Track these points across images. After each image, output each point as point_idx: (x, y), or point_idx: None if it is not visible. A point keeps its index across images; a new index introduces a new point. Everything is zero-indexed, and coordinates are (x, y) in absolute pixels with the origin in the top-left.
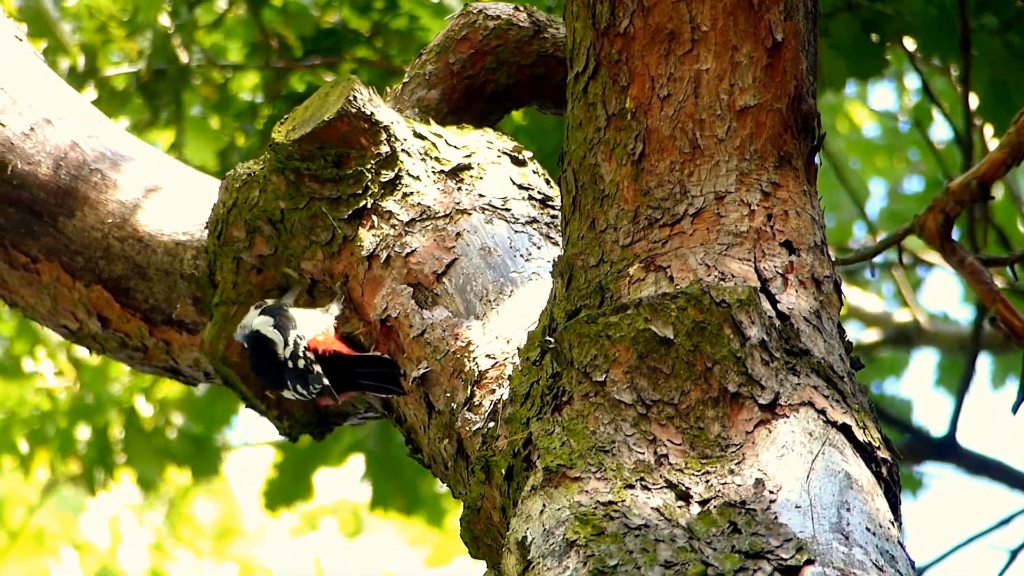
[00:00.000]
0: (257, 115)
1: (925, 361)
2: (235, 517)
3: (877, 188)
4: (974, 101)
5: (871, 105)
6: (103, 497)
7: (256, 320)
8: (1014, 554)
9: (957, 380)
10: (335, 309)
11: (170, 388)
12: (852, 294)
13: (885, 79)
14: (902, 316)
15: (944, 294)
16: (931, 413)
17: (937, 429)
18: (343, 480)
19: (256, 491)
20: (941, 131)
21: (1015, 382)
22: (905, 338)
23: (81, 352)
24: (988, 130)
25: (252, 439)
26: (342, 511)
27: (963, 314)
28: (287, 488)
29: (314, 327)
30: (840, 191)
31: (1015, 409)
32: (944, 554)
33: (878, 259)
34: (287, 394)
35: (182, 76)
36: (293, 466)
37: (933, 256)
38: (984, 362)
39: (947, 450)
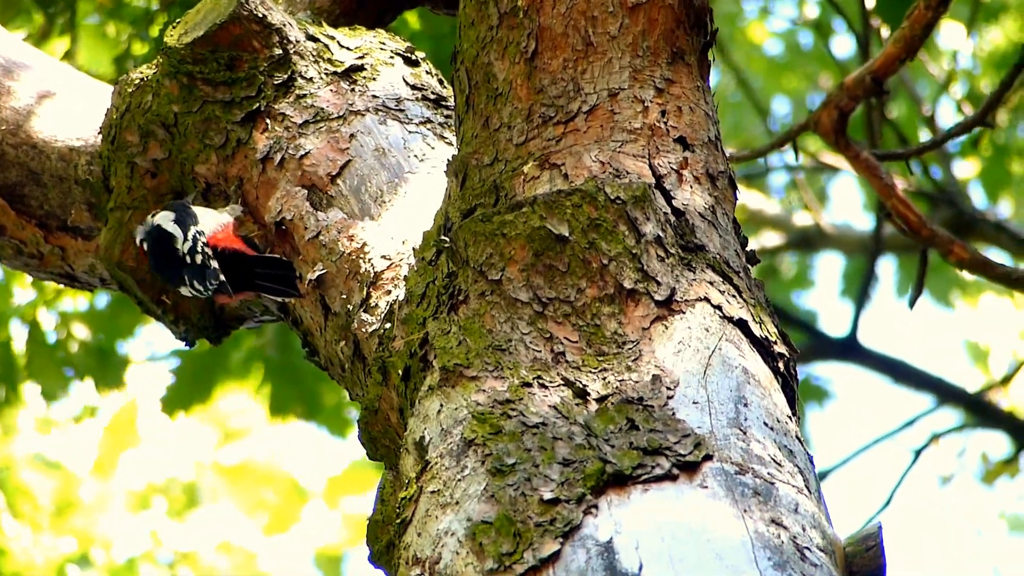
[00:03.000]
0: (153, 22)
1: (829, 270)
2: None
3: (781, 106)
4: (871, 3)
5: (771, 26)
6: None
7: (159, 215)
8: (918, 453)
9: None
10: (234, 210)
11: (72, 302)
12: (753, 199)
13: None
14: (804, 220)
15: (846, 202)
16: (837, 325)
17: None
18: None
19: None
20: (842, 46)
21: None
22: (808, 242)
23: None
24: (886, 33)
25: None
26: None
27: (865, 222)
28: (184, 393)
29: (214, 224)
30: (744, 108)
31: (911, 303)
32: (850, 456)
33: (780, 163)
34: (184, 291)
35: None
36: (191, 371)
37: (835, 159)
38: (889, 270)
39: (850, 350)
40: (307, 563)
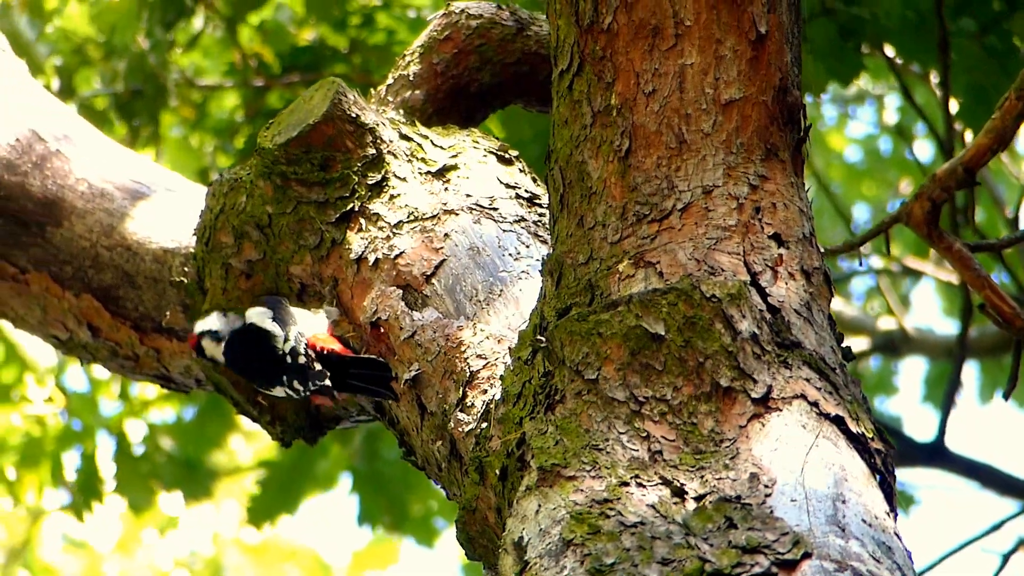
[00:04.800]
0: (237, 133)
1: (911, 375)
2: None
3: (861, 213)
4: (954, 106)
5: (850, 132)
6: None
7: (251, 312)
8: (1006, 557)
9: (944, 391)
10: (331, 312)
11: (159, 413)
12: (836, 304)
13: (865, 103)
14: (887, 324)
15: (927, 308)
16: (920, 429)
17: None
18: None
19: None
20: (922, 151)
21: (1001, 394)
22: (892, 346)
23: (69, 379)
24: (969, 137)
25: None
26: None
27: (947, 327)
28: (270, 503)
29: (312, 325)
30: (824, 214)
31: (1006, 395)
32: (937, 560)
33: (863, 267)
34: (278, 391)
35: (159, 95)
36: (277, 481)
37: (916, 263)
38: (971, 374)
39: (936, 455)
40: None
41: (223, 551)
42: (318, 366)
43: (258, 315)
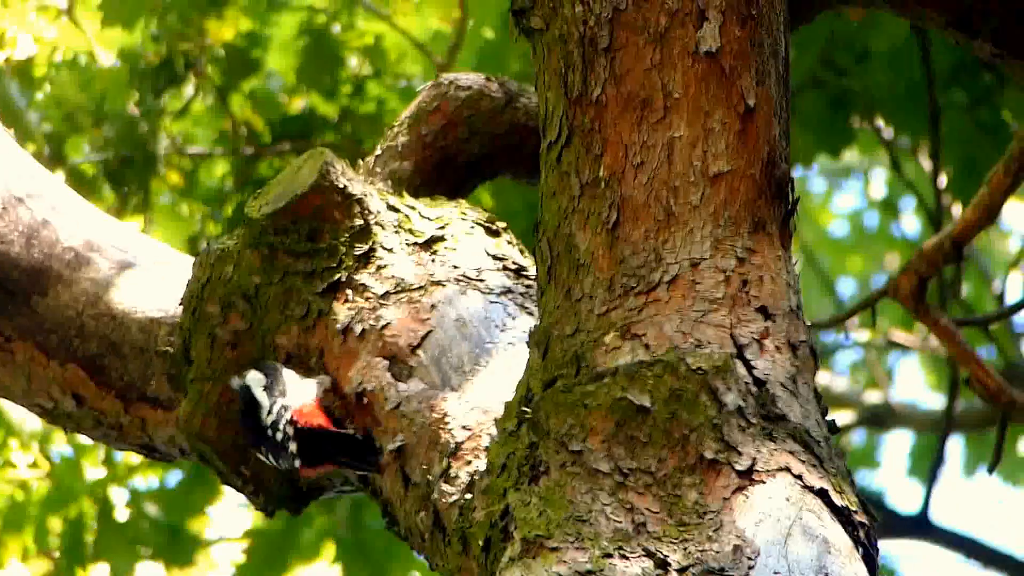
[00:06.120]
0: (226, 202)
1: (897, 449)
2: None
3: (847, 287)
4: (943, 180)
5: (836, 208)
6: None
7: (249, 375)
8: None
9: (929, 464)
10: (324, 381)
11: (143, 480)
12: (822, 378)
13: (851, 177)
14: (873, 398)
15: (912, 382)
16: (905, 503)
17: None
18: None
19: None
20: (909, 225)
21: (986, 468)
22: (877, 419)
23: (54, 445)
24: (957, 210)
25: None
26: None
27: (932, 400)
28: (256, 573)
29: (301, 396)
30: (811, 288)
31: (991, 469)
32: None
33: (848, 342)
34: (261, 456)
35: (149, 163)
36: (263, 551)
37: (902, 336)
38: (956, 448)
39: (921, 527)
40: None
41: None
42: (293, 446)
43: (253, 380)
